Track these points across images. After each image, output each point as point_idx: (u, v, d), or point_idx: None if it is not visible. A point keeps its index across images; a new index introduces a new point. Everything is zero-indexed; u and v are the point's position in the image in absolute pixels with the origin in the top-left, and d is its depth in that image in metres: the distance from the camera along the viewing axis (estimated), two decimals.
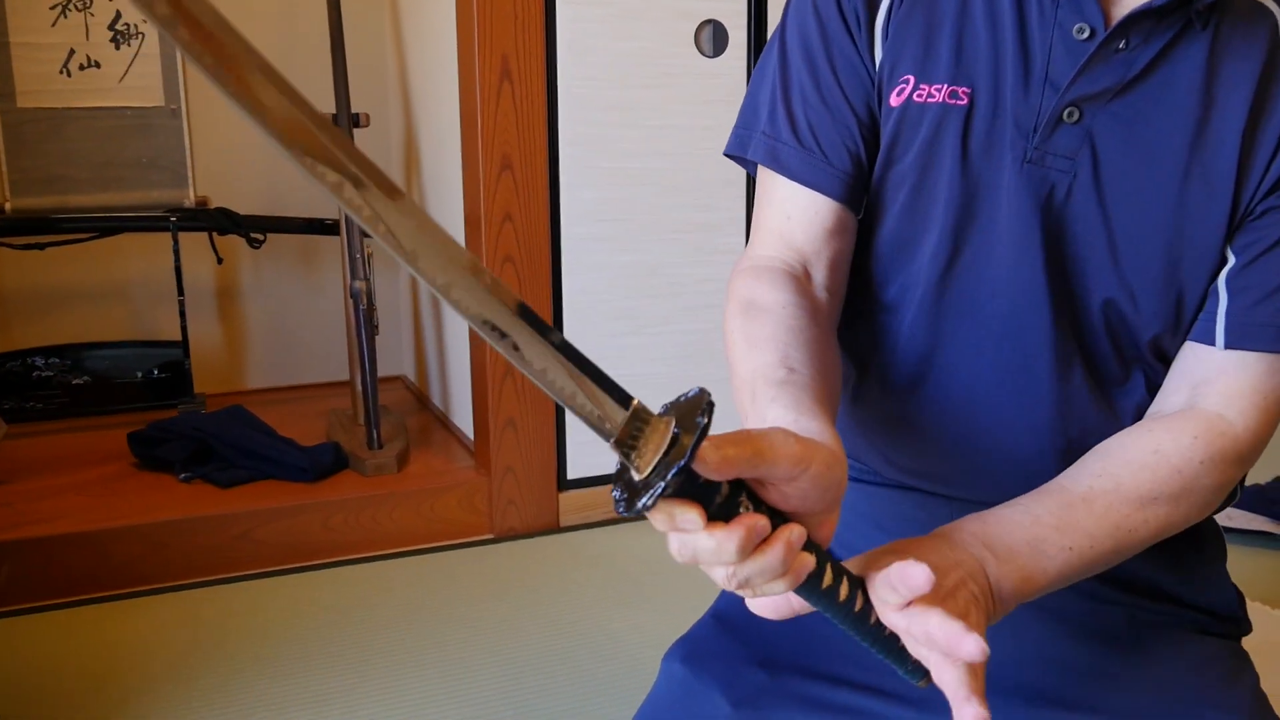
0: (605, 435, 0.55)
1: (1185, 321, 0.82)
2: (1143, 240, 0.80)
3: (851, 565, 0.68)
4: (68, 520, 2.00)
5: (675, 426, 0.55)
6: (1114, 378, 0.85)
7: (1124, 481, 0.76)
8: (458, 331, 2.44)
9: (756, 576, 0.59)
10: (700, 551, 0.58)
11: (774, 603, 0.66)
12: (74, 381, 2.50)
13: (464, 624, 1.85)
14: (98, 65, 2.49)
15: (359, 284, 2.29)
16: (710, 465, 0.56)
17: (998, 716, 0.87)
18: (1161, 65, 0.78)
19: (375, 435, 2.28)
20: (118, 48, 2.50)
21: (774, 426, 0.61)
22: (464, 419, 2.46)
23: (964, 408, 0.87)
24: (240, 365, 2.85)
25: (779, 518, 0.60)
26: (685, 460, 0.54)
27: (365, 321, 2.30)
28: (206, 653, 1.75)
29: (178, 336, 2.52)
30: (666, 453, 0.54)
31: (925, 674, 0.68)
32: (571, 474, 2.26)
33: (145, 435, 2.28)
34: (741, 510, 0.58)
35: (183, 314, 2.49)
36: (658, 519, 0.57)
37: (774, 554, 0.58)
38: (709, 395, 0.56)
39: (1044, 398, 0.85)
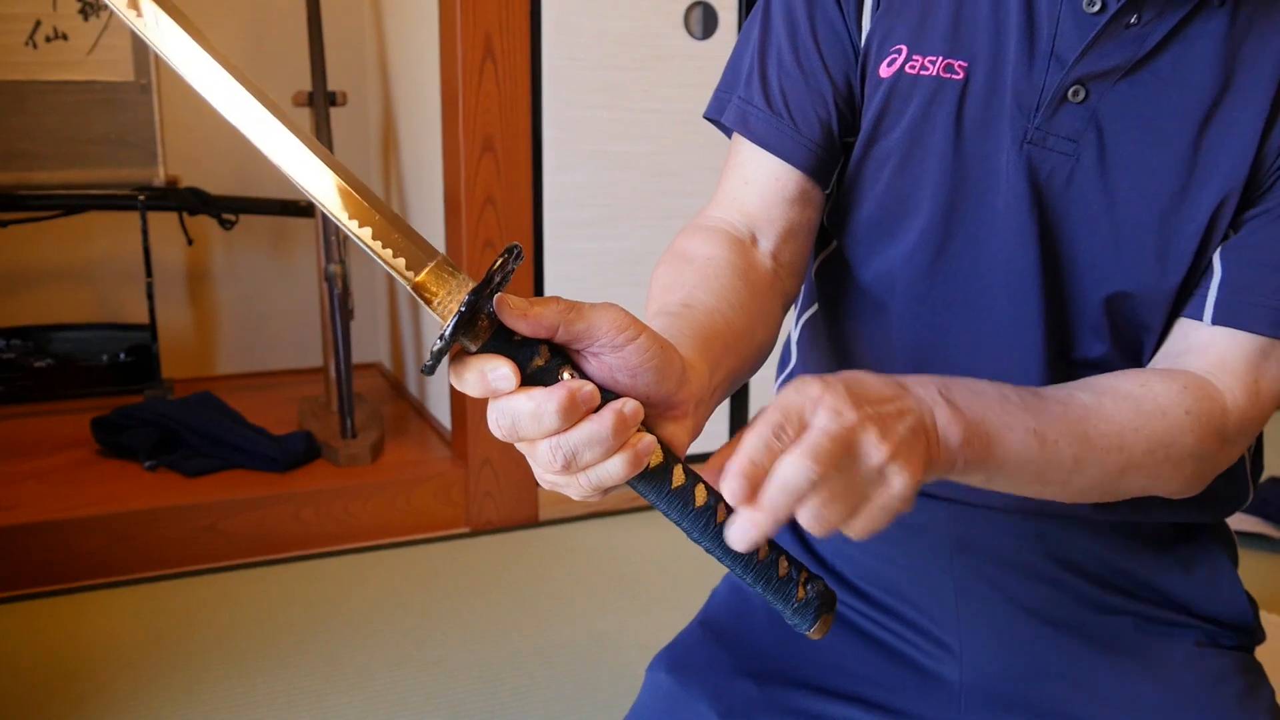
0: (405, 279, 0.53)
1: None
2: (1145, 228, 0.76)
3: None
4: (27, 509, 1.95)
5: (481, 279, 0.53)
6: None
7: (1105, 403, 0.71)
8: (436, 317, 2.40)
9: (584, 449, 0.53)
10: (519, 417, 0.53)
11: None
12: (36, 364, 2.45)
13: (439, 621, 1.81)
14: (65, 37, 2.44)
15: (334, 267, 2.25)
16: (515, 309, 0.52)
17: None
18: (1175, 43, 0.74)
19: (349, 424, 2.24)
20: (86, 19, 2.44)
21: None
22: (441, 408, 2.41)
23: None
24: (210, 350, 2.81)
25: (611, 398, 0.55)
26: (479, 286, 0.51)
27: (340, 306, 2.26)
28: (170, 650, 1.70)
29: (145, 319, 2.47)
30: (470, 292, 0.52)
31: (814, 620, 0.60)
32: None
33: (110, 421, 2.23)
34: (564, 378, 0.54)
35: (150, 296, 2.45)
36: (469, 379, 0.53)
37: (602, 419, 0.53)
38: (518, 246, 0.54)
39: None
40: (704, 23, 2.17)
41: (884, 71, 0.80)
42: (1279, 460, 2.28)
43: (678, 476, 0.58)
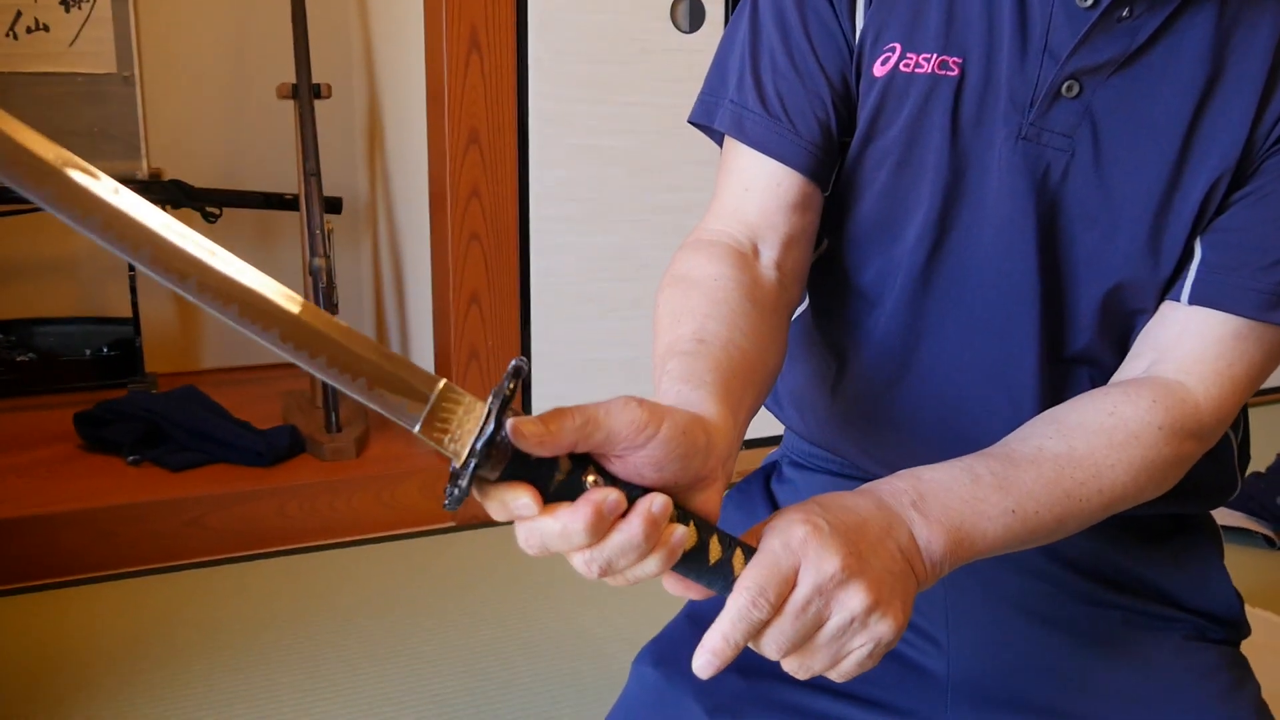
0: (409, 422, 0.51)
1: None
2: (1139, 221, 0.76)
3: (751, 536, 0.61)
4: (9, 504, 1.93)
5: (492, 401, 0.51)
6: (1114, 369, 0.80)
7: (1076, 445, 0.71)
8: (421, 311, 2.39)
9: (618, 558, 0.54)
10: (547, 537, 0.53)
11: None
12: (19, 359, 2.42)
13: (425, 617, 1.80)
14: (46, 28, 2.41)
15: (319, 261, 2.24)
16: (531, 438, 0.51)
17: None
18: (1167, 35, 0.74)
19: (334, 418, 2.23)
20: (67, 10, 2.42)
21: (623, 396, 0.55)
22: None
23: (949, 402, 0.83)
24: (193, 344, 2.79)
25: (639, 492, 0.55)
26: (490, 432, 0.50)
27: (325, 300, 2.25)
28: (152, 645, 1.69)
29: (128, 313, 2.45)
30: (481, 432, 0.51)
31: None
32: None
33: (93, 416, 2.21)
34: (589, 488, 0.53)
35: (134, 290, 2.43)
36: (492, 507, 0.53)
37: (631, 528, 0.53)
38: (522, 363, 0.52)
39: (1033, 393, 0.81)
40: (691, 16, 2.16)
41: (878, 70, 0.79)
42: (1260, 454, 2.29)
43: (714, 550, 0.58)
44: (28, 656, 1.65)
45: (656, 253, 2.24)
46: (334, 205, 2.58)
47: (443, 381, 0.52)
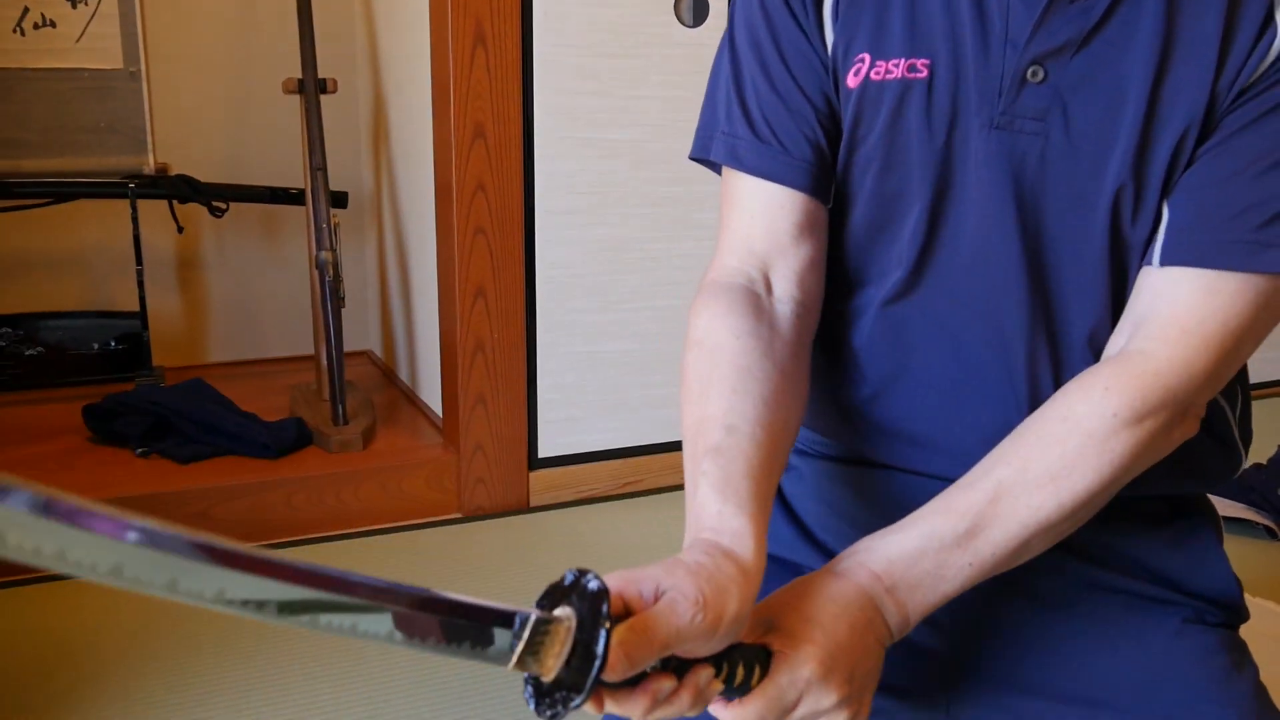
0: (502, 662, 0.55)
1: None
2: (1115, 187, 0.77)
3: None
4: None
5: (576, 632, 0.55)
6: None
7: (1032, 463, 0.74)
8: (427, 305, 2.40)
9: (663, 716, 0.63)
10: (605, 710, 0.61)
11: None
12: (27, 352, 2.44)
13: None
14: (53, 24, 2.42)
15: (325, 255, 2.25)
16: (618, 673, 0.57)
17: (991, 711, 0.84)
18: (1122, 8, 0.75)
19: (340, 411, 2.24)
20: (74, 6, 2.43)
21: (682, 591, 0.61)
22: (432, 395, 2.41)
23: (948, 390, 0.84)
24: (201, 337, 2.80)
25: (689, 665, 0.63)
26: (594, 677, 0.55)
27: (331, 293, 2.26)
28: (162, 635, 1.71)
29: (136, 307, 2.47)
30: (570, 658, 0.55)
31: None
32: (542, 452, 2.23)
33: (101, 409, 2.23)
34: (648, 670, 0.60)
35: (141, 284, 2.44)
36: None
37: (681, 702, 0.62)
38: (606, 597, 0.56)
39: (1034, 375, 0.82)
40: (694, 10, 2.17)
41: (851, 82, 0.81)
42: (1262, 446, 2.29)
43: (738, 676, 0.65)
44: (40, 646, 1.67)
45: (661, 245, 2.25)
46: (340, 199, 2.59)
47: (534, 617, 0.56)
